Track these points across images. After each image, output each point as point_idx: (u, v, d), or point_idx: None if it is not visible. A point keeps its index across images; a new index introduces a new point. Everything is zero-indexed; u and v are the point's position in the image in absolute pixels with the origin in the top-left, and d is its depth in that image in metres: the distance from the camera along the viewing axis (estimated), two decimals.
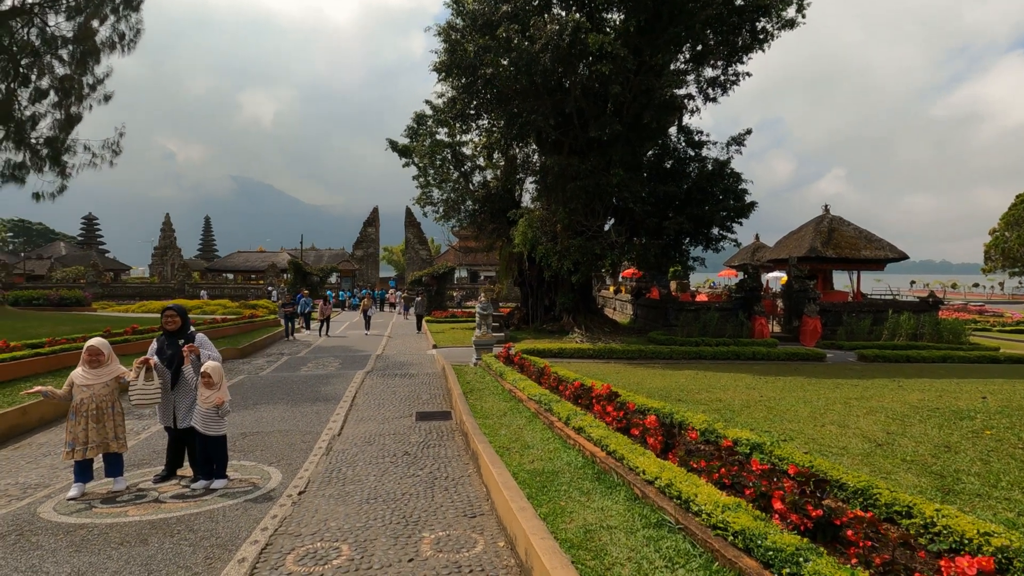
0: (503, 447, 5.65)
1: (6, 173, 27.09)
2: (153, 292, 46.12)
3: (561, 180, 17.87)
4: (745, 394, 8.46)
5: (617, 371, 12.28)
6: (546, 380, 8.65)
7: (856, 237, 23.51)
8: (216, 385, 5.07)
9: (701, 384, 10.09)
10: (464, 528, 4.13)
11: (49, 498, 4.95)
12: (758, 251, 32.86)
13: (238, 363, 14.37)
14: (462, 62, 18.00)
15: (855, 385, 9.70)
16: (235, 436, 6.99)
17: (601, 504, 3.99)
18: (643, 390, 9.28)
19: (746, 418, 6.46)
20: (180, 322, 5.41)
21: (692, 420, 5.18)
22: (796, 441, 5.41)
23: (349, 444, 6.64)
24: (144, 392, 5.07)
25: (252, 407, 8.68)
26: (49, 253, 67.54)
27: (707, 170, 19.48)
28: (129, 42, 27.92)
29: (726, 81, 18.58)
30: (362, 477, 5.43)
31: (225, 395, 5.10)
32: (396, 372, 12.20)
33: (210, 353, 5.32)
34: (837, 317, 21.19)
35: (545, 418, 6.53)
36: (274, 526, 4.18)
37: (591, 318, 21.17)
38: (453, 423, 7.67)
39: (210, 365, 5.10)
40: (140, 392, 5.05)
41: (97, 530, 4.14)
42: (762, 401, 7.69)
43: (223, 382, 5.14)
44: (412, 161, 24.26)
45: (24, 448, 6.67)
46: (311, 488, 5.12)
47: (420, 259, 53.96)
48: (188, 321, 5.53)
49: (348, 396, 9.41)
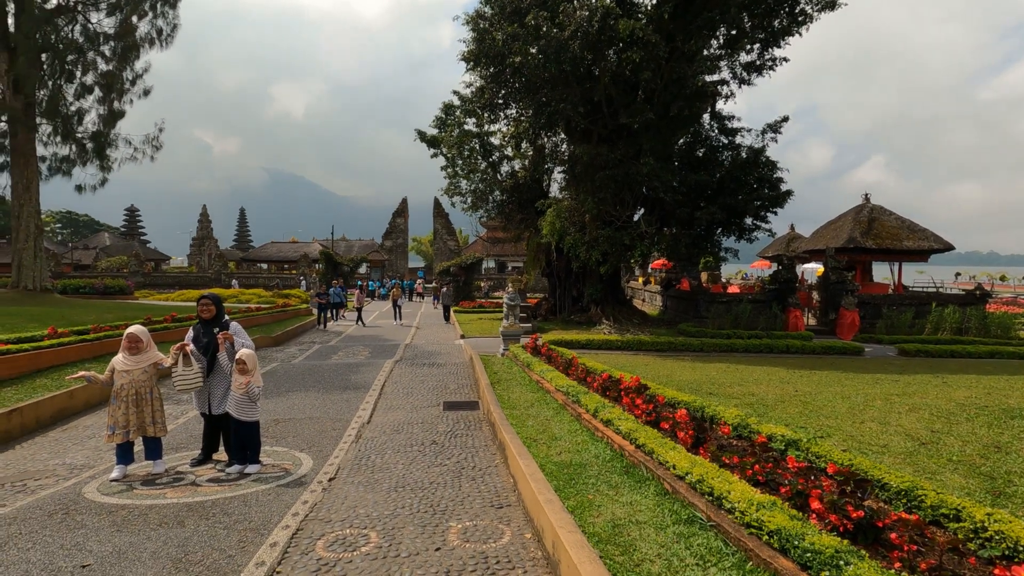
0: (530, 438, 5.62)
1: (54, 166, 28.26)
2: (191, 281, 47.55)
3: (590, 169, 17.65)
4: (779, 388, 8.23)
5: (646, 363, 12.12)
6: (573, 371, 8.59)
7: (898, 227, 22.61)
8: (250, 372, 5.17)
9: (733, 378, 9.87)
10: (491, 519, 4.13)
11: (93, 479, 5.14)
12: (793, 241, 31.96)
13: (271, 351, 14.70)
14: (490, 51, 17.88)
15: (896, 380, 9.34)
16: (268, 423, 7.15)
17: (630, 498, 3.93)
18: (673, 383, 9.13)
19: (780, 413, 6.28)
20: (215, 310, 5.52)
21: (724, 414, 5.05)
22: (834, 438, 5.23)
23: (378, 432, 6.72)
24: (185, 378, 5.21)
25: (284, 394, 8.86)
26: (94, 244, 70.28)
27: (741, 158, 18.96)
28: (167, 37, 28.65)
29: (762, 66, 17.99)
30: (390, 465, 5.48)
31: (258, 381, 5.21)
32: (424, 361, 12.30)
33: (244, 341, 5.42)
34: (876, 310, 20.48)
35: (573, 410, 6.48)
36: (305, 511, 4.25)
37: (619, 309, 20.95)
38: (480, 413, 7.68)
39: (244, 352, 5.20)
40: (181, 378, 5.20)
41: (137, 511, 4.28)
42: (797, 396, 7.47)
43: (256, 369, 5.24)
44: (440, 151, 24.31)
45: (71, 430, 6.95)
46: (341, 475, 5.19)
47: (448, 250, 54.27)
48: (223, 309, 5.65)
49: (377, 385, 9.53)
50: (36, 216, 26.28)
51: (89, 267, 55.52)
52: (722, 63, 18.07)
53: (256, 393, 5.17)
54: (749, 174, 18.72)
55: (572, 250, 18.71)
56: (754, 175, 18.65)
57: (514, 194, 23.59)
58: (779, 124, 19.07)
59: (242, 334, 5.47)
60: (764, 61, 17.91)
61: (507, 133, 23.67)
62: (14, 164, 25.43)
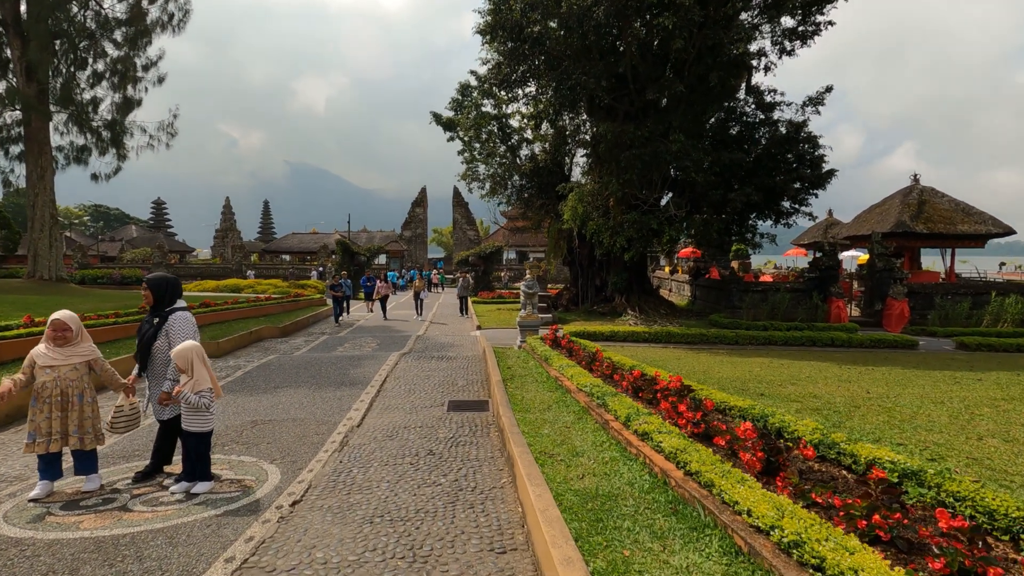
0: (545, 452, 4.53)
1: (71, 156, 28.02)
2: (212, 272, 47.57)
3: (615, 149, 16.35)
4: (844, 389, 6.97)
5: (677, 357, 10.92)
6: (598, 367, 7.46)
7: (951, 210, 20.78)
8: (188, 372, 4.17)
9: (781, 375, 8.63)
10: (488, 571, 3.06)
11: (13, 497, 4.23)
12: (831, 228, 30.06)
13: (275, 342, 13.89)
14: (507, 22, 16.68)
15: (979, 380, 7.97)
16: (243, 424, 6.21)
17: (685, 559, 2.78)
18: (711, 380, 7.94)
19: (861, 424, 5.04)
20: (152, 298, 4.55)
21: (798, 428, 3.88)
22: (949, 461, 4.00)
23: (367, 438, 5.71)
24: (121, 413, 4.49)
25: (272, 391, 7.93)
26: (121, 236, 71.22)
27: (779, 134, 17.43)
28: (179, 22, 28.07)
29: (805, 32, 16.39)
30: (373, 483, 4.45)
31: (200, 386, 4.20)
32: (434, 354, 11.29)
33: (185, 336, 4.41)
34: (927, 300, 18.81)
35: (598, 415, 5.36)
36: (244, 554, 3.24)
37: (646, 299, 19.67)
38: (490, 415, 6.63)
39: (175, 350, 4.21)
40: (116, 414, 4.47)
41: (31, 550, 3.33)
42: (872, 400, 6.20)
43: (199, 370, 4.21)
44: (457, 135, 23.23)
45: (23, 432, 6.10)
46: (309, 496, 4.18)
47: (468, 240, 53.33)
48: (168, 296, 4.63)
49: (377, 380, 8.55)
50: (51, 205, 26.03)
51: (115, 259, 56.13)
52: (764, 27, 16.50)
53: (195, 401, 4.16)
54: (788, 151, 17.21)
55: (595, 236, 17.48)
56: (794, 152, 17.13)
57: (534, 178, 22.41)
58: (822, 96, 17.45)
59: (182, 328, 4.46)
60: (807, 27, 16.31)
61: (526, 114, 22.46)
62: (28, 152, 25.17)
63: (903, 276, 18.44)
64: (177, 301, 4.71)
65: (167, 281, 4.71)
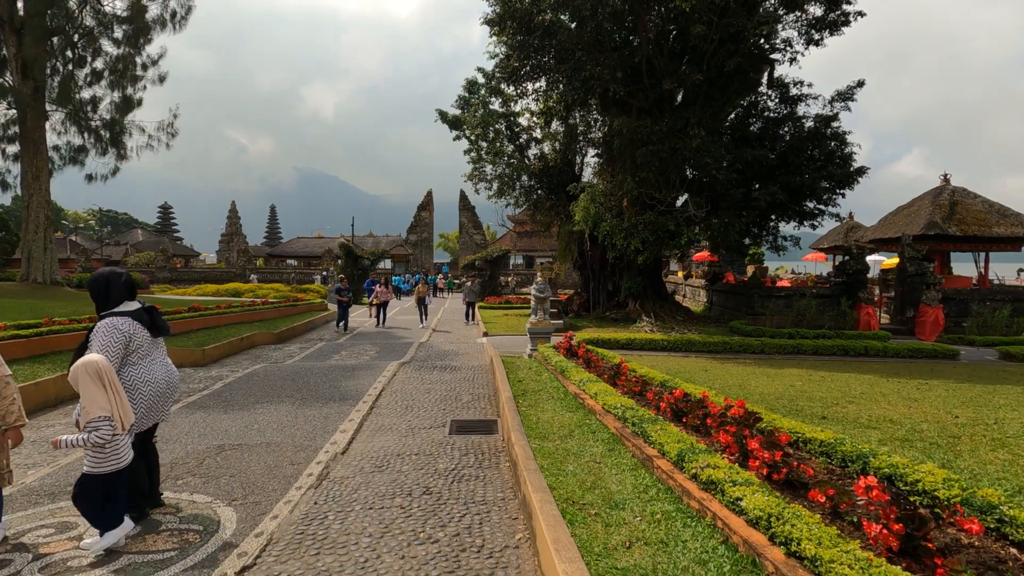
0: (572, 500, 3.53)
1: (67, 156, 27.36)
2: (215, 277, 46.94)
3: (631, 146, 15.36)
4: (916, 410, 5.91)
5: (704, 368, 9.89)
6: (623, 382, 6.45)
7: (986, 211, 19.64)
8: (87, 396, 3.16)
9: (827, 390, 7.58)
10: None
11: None
12: (852, 231, 28.92)
13: (268, 349, 12.96)
14: (517, 11, 15.79)
15: None
16: (207, 451, 5.24)
17: None
18: (752, 396, 6.91)
19: (973, 462, 3.96)
20: (93, 301, 3.63)
21: (922, 477, 2.85)
22: None
23: (352, 470, 4.73)
24: None
25: (251, 407, 6.96)
26: (127, 240, 70.97)
27: (805, 130, 16.38)
28: (180, 20, 27.38)
29: (834, 21, 15.38)
30: (351, 537, 3.47)
31: (89, 412, 3.18)
32: (436, 364, 10.30)
33: (101, 350, 3.44)
34: (963, 307, 17.69)
35: (635, 447, 4.35)
36: None
37: (661, 304, 18.63)
38: (499, 438, 5.64)
39: (71, 371, 3.23)
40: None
41: None
42: (966, 425, 5.13)
43: (94, 391, 3.18)
44: (463, 133, 22.32)
45: None
46: (265, 559, 3.20)
47: (474, 244, 52.48)
48: (103, 297, 3.69)
49: (372, 395, 7.57)
50: (46, 207, 25.28)
51: (119, 263, 55.67)
52: (789, 16, 15.50)
53: (78, 441, 3.15)
54: (814, 148, 16.16)
55: (608, 238, 16.47)
56: (820, 149, 16.08)
57: (543, 178, 21.46)
58: (852, 90, 16.39)
59: (101, 339, 3.48)
60: (837, 16, 15.30)
61: (535, 111, 21.55)
62: (23, 152, 24.48)
63: (937, 281, 17.34)
64: (122, 303, 3.77)
65: (104, 279, 3.77)
